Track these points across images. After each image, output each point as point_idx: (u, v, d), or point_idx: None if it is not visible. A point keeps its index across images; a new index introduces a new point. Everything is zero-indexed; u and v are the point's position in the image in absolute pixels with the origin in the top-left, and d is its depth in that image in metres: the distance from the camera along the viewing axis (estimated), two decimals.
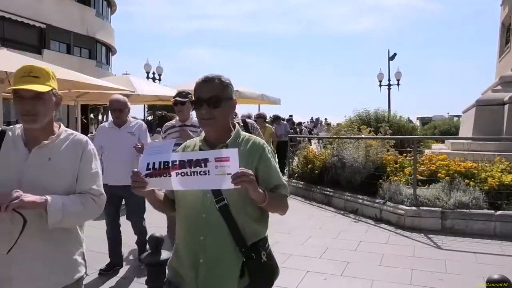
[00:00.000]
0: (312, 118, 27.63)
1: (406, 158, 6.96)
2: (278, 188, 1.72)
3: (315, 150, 9.64)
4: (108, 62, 26.45)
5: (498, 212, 5.26)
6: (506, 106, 9.04)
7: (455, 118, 26.40)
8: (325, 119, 24.18)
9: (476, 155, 7.47)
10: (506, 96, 9.22)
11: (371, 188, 6.52)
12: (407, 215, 5.59)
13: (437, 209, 5.48)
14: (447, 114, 34.40)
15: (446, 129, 18.47)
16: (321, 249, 4.79)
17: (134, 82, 9.43)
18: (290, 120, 15.46)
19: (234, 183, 1.43)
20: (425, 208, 5.56)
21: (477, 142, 8.72)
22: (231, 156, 1.45)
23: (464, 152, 8.35)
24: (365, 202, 6.47)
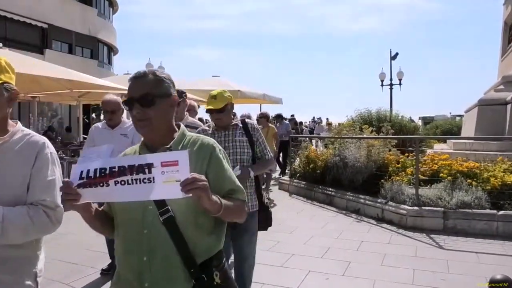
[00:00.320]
0: (313, 117, 27.58)
1: (408, 157, 6.95)
2: (234, 192, 1.51)
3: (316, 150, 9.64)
4: (110, 62, 26.49)
5: (501, 212, 5.25)
6: (509, 106, 9.01)
7: (457, 118, 26.28)
8: (326, 119, 24.14)
9: (478, 155, 7.46)
10: (509, 95, 9.19)
11: (373, 188, 6.52)
12: (409, 215, 5.58)
13: (439, 209, 5.47)
14: (449, 113, 34.30)
15: (448, 128, 18.42)
16: (323, 248, 4.79)
17: None
18: (292, 119, 15.43)
19: (185, 191, 1.21)
20: (427, 208, 5.55)
21: (479, 142, 8.71)
22: (180, 159, 1.23)
23: (466, 152, 8.34)
24: (367, 202, 6.47)
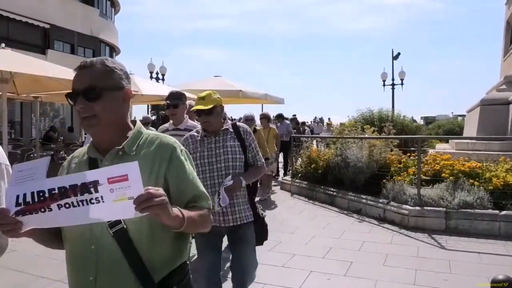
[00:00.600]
0: (315, 117, 27.55)
1: (410, 157, 6.94)
2: (197, 199, 1.35)
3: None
4: None
5: (503, 212, 5.23)
6: (511, 106, 8.99)
7: (459, 118, 26.30)
8: (328, 119, 24.11)
9: (480, 155, 7.45)
10: (511, 95, 9.18)
11: (375, 188, 6.51)
12: (411, 215, 5.58)
13: (441, 209, 5.46)
14: (451, 113, 34.34)
15: (450, 128, 18.42)
16: (324, 249, 4.78)
17: (138, 82, 9.45)
18: (294, 119, 15.41)
19: (139, 210, 1.04)
20: (429, 208, 5.54)
21: (481, 142, 8.69)
22: (130, 173, 1.05)
23: (468, 151, 8.33)
24: (368, 202, 6.46)
